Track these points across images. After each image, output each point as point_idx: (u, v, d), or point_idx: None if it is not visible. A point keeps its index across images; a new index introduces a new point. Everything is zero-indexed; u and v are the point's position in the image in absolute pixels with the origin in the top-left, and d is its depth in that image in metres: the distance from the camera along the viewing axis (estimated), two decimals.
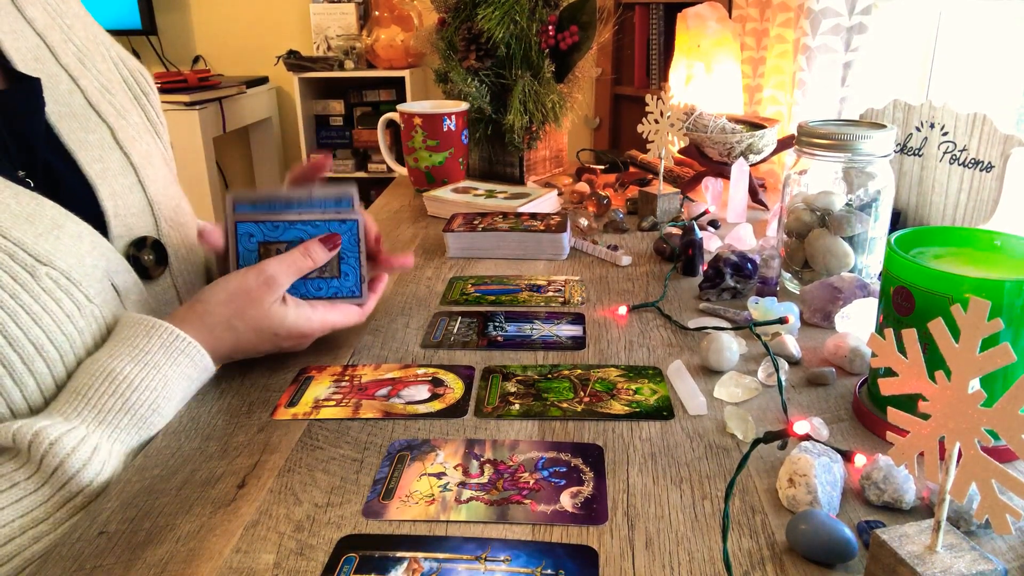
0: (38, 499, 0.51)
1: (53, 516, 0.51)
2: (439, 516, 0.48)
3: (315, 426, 0.59)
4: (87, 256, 0.60)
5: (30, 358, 0.54)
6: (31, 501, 0.50)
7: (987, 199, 0.87)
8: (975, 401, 0.35)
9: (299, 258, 0.67)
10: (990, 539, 0.45)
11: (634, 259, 0.96)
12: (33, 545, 0.50)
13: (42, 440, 0.51)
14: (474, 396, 0.63)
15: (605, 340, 0.73)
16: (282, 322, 0.65)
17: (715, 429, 0.58)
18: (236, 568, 0.44)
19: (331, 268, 0.70)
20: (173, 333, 0.59)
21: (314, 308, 0.68)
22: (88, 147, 0.66)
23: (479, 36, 1.23)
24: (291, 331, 0.66)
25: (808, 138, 0.78)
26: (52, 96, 0.65)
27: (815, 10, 1.34)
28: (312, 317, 0.67)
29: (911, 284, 0.53)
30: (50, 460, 0.51)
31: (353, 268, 0.71)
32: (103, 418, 0.55)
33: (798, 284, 0.82)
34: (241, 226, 0.69)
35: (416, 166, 1.27)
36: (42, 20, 0.68)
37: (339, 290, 0.71)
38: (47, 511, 0.51)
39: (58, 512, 0.51)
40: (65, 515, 0.51)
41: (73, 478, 0.51)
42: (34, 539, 0.50)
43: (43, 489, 0.51)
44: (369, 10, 2.96)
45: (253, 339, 0.65)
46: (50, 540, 0.50)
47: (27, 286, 0.54)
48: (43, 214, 0.58)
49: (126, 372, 0.56)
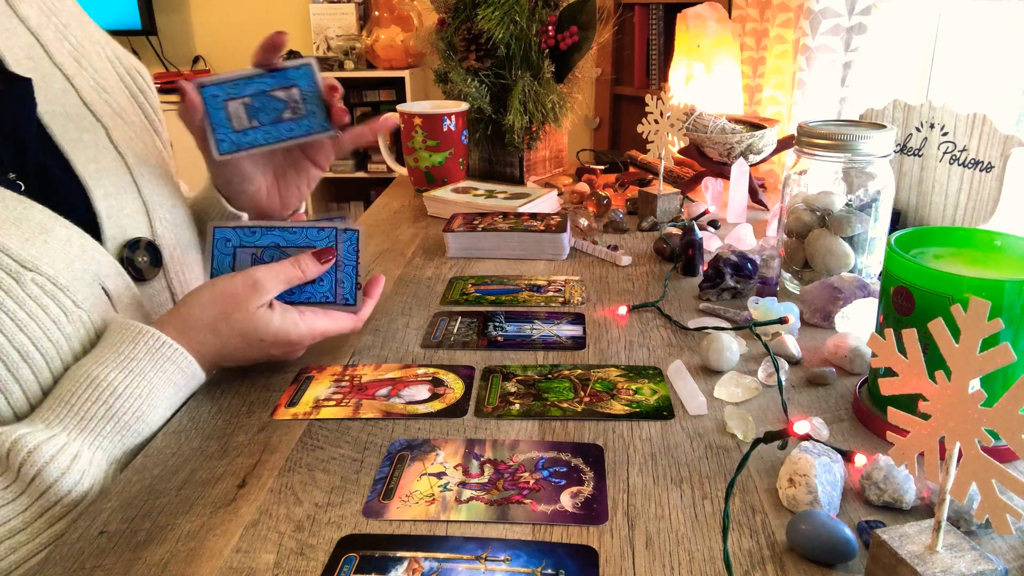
0: (16, 509, 0.50)
1: (31, 526, 0.50)
2: (439, 516, 0.48)
3: (315, 426, 0.59)
4: (76, 260, 0.59)
5: (15, 365, 0.53)
6: (8, 511, 0.50)
7: (987, 199, 0.87)
8: (975, 401, 0.35)
9: (289, 268, 0.65)
10: (990, 539, 0.45)
11: (634, 259, 0.96)
12: (10, 555, 0.49)
13: (20, 448, 0.50)
14: (474, 396, 0.63)
15: (605, 340, 0.73)
16: (267, 328, 0.63)
17: (715, 429, 0.58)
18: (236, 568, 0.44)
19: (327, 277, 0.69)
20: (160, 339, 0.58)
21: (302, 314, 0.65)
22: (82, 147, 0.65)
23: (479, 36, 1.23)
24: (277, 337, 0.64)
25: (808, 138, 0.78)
26: (45, 96, 0.64)
27: (815, 10, 1.34)
28: (299, 323, 0.65)
29: (911, 284, 0.53)
30: (28, 469, 0.50)
31: (349, 277, 0.69)
32: (85, 425, 0.54)
33: (798, 284, 0.82)
34: (218, 231, 0.69)
35: (416, 166, 1.27)
36: (36, 19, 0.67)
37: (312, 295, 0.69)
38: (25, 521, 0.50)
39: (36, 522, 0.50)
40: (44, 525, 0.50)
41: (52, 487, 0.50)
42: (11, 549, 0.49)
43: (21, 499, 0.50)
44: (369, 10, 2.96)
45: (239, 345, 0.63)
46: (28, 550, 0.50)
47: (11, 292, 0.54)
48: (31, 218, 0.57)
49: (110, 379, 0.55)
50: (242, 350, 0.63)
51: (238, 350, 0.63)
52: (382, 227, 1.13)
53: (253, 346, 0.64)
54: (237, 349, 0.63)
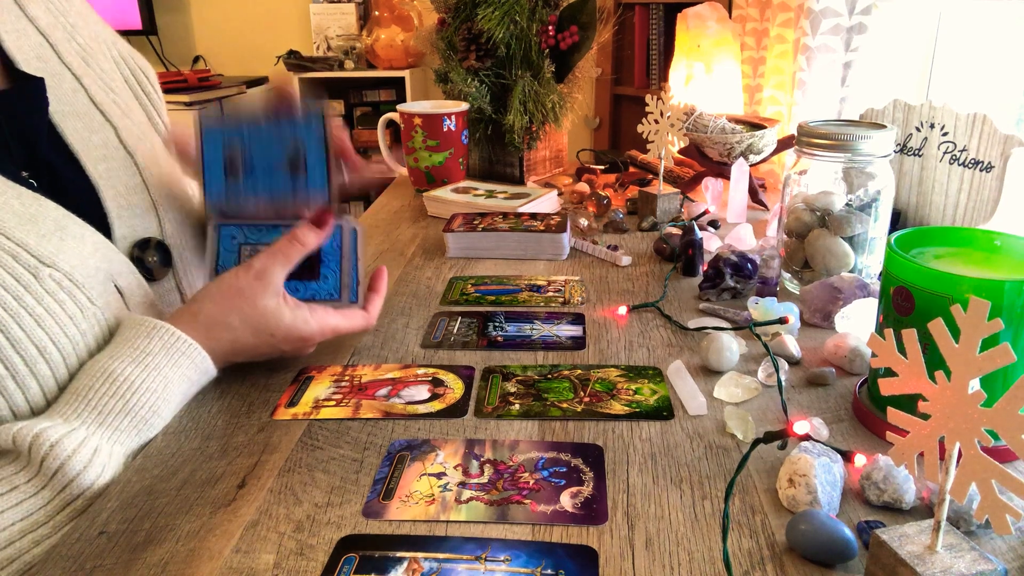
0: (38, 502, 0.50)
1: (53, 519, 0.51)
2: (439, 516, 0.48)
3: (315, 426, 0.59)
4: (90, 258, 0.60)
5: (33, 360, 0.54)
6: (31, 504, 0.50)
7: (987, 199, 0.87)
8: (975, 401, 0.35)
9: (286, 245, 0.64)
10: (990, 539, 0.45)
11: (634, 259, 0.96)
12: (33, 548, 0.50)
13: (42, 442, 0.50)
14: (474, 396, 0.63)
15: (605, 340, 0.73)
16: (279, 322, 0.63)
17: (715, 429, 0.58)
18: (236, 568, 0.44)
19: (311, 271, 0.68)
20: (174, 334, 0.59)
21: (313, 311, 0.65)
22: (92, 147, 0.65)
23: (479, 36, 1.23)
24: (289, 333, 0.64)
25: (808, 138, 0.78)
26: (56, 95, 0.64)
27: (815, 10, 1.34)
28: (310, 320, 0.65)
29: (911, 284, 0.53)
30: (50, 463, 0.50)
31: (333, 272, 0.69)
32: (103, 419, 0.54)
33: (798, 284, 0.82)
34: (224, 228, 0.69)
35: (416, 166, 1.27)
36: (45, 19, 0.67)
37: (317, 292, 0.68)
38: (47, 514, 0.50)
39: (58, 515, 0.51)
40: (65, 518, 0.51)
41: (74, 480, 0.51)
42: (34, 542, 0.50)
43: (43, 492, 0.51)
44: (369, 10, 2.96)
45: (251, 338, 0.63)
46: (50, 543, 0.50)
47: (30, 288, 0.54)
48: (46, 215, 0.58)
49: (127, 373, 0.56)
50: (254, 344, 0.64)
51: (250, 344, 0.63)
52: (382, 227, 1.13)
53: (264, 341, 0.64)
54: (249, 343, 0.63)
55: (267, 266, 0.63)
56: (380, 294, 0.72)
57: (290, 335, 0.64)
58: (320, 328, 0.66)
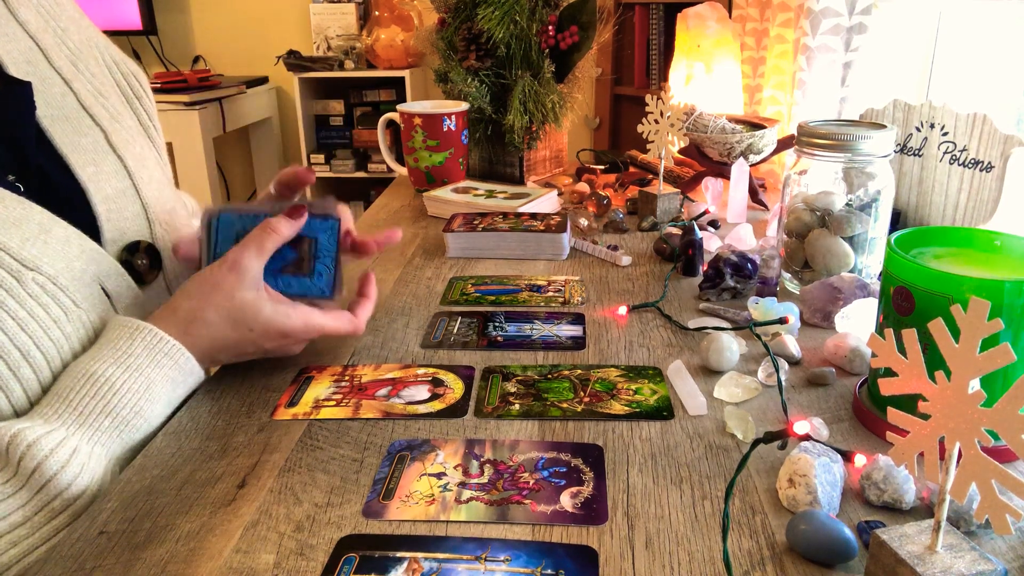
0: (16, 503, 0.50)
1: (31, 520, 0.50)
2: (439, 516, 0.48)
3: (315, 426, 0.59)
4: (75, 260, 0.59)
5: (16, 364, 0.54)
6: (8, 505, 0.50)
7: (987, 199, 0.87)
8: (975, 401, 0.35)
9: (260, 235, 0.63)
10: (990, 539, 0.45)
11: (634, 259, 0.96)
12: (11, 549, 0.49)
13: (20, 442, 0.50)
14: (474, 396, 0.63)
15: (605, 340, 0.73)
16: (257, 315, 0.62)
17: (715, 429, 0.58)
18: (236, 568, 0.44)
19: (304, 266, 0.68)
20: (157, 335, 0.58)
21: (295, 307, 0.64)
22: (81, 150, 0.65)
23: (479, 36, 1.23)
24: (268, 327, 0.63)
25: (808, 138, 0.78)
26: (44, 99, 0.64)
27: (815, 10, 1.34)
28: (292, 315, 0.63)
29: (911, 284, 0.53)
30: (28, 463, 0.50)
31: (327, 268, 0.68)
32: (83, 420, 0.54)
33: (798, 284, 0.82)
34: (223, 216, 0.68)
35: (416, 166, 1.27)
36: (35, 23, 0.67)
37: (309, 289, 0.67)
38: (25, 515, 0.50)
39: (36, 516, 0.50)
40: (44, 519, 0.50)
41: (51, 481, 0.50)
42: (11, 543, 0.49)
43: (21, 492, 0.50)
44: (369, 10, 2.96)
45: (230, 333, 0.62)
46: (29, 544, 0.50)
47: (13, 291, 0.54)
48: (30, 219, 0.58)
49: (108, 374, 0.55)
50: (235, 340, 0.62)
51: (231, 340, 0.62)
52: (382, 227, 1.13)
53: (244, 336, 0.62)
54: (229, 339, 0.62)
55: (240, 256, 0.62)
56: (370, 299, 0.71)
57: (269, 329, 0.63)
58: (304, 325, 0.64)
